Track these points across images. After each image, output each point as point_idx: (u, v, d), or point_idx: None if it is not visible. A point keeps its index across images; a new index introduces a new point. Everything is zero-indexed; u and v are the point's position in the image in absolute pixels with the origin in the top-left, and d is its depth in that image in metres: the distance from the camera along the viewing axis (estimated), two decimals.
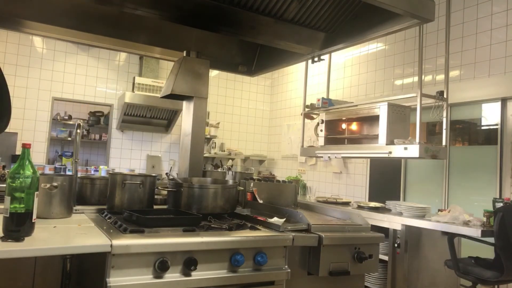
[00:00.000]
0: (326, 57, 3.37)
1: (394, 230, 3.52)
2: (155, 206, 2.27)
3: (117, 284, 1.44)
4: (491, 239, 2.92)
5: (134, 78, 5.99)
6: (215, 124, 6.74)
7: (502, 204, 3.11)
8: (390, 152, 3.25)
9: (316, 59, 2.91)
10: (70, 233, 1.63)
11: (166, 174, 2.49)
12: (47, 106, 5.73)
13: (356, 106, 3.89)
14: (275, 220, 1.99)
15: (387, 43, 5.01)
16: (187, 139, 2.74)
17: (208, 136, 6.50)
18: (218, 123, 6.81)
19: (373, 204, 4.12)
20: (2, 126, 2.02)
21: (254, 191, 2.45)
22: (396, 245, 3.51)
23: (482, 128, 4.14)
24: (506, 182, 3.71)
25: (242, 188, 2.45)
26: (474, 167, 4.01)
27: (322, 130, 4.12)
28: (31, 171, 1.47)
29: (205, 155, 6.30)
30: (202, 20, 2.45)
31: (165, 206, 2.28)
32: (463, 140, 4.34)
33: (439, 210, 3.50)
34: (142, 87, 5.84)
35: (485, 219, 3.07)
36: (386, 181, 4.90)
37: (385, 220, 3.57)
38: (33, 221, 1.47)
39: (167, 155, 6.54)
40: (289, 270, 1.81)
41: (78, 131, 2.17)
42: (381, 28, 2.37)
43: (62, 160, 6.10)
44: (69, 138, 6.56)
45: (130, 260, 1.48)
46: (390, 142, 3.29)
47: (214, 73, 6.73)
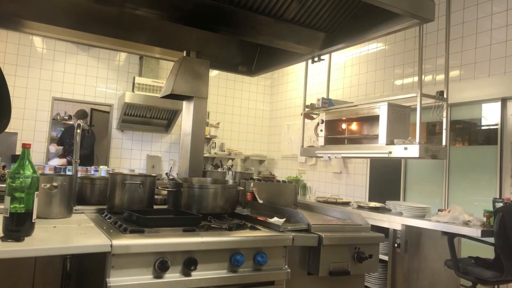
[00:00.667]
0: (326, 57, 3.37)
1: (394, 230, 3.52)
2: (155, 206, 2.27)
3: (117, 284, 1.44)
4: (491, 239, 2.92)
5: (134, 78, 5.99)
6: (215, 124, 6.74)
7: (502, 204, 3.11)
8: (390, 152, 3.25)
9: (316, 59, 2.91)
10: (70, 233, 1.63)
11: (166, 174, 2.49)
12: (47, 106, 5.73)
13: (356, 106, 3.89)
14: (275, 220, 1.99)
15: (387, 43, 5.01)
16: (187, 139, 2.74)
17: (208, 136, 6.50)
18: (218, 123, 6.81)
19: (373, 204, 4.12)
20: (2, 126, 2.02)
21: (254, 191, 2.45)
22: (396, 245, 3.51)
23: (482, 128, 4.14)
24: (506, 182, 3.71)
25: (242, 188, 2.44)
26: (474, 167, 4.01)
27: (322, 130, 4.12)
28: (31, 171, 1.47)
29: (205, 155, 6.30)
30: (202, 20, 2.46)
31: (165, 206, 2.28)
32: (463, 140, 4.34)
33: (439, 210, 3.50)
34: (142, 87, 5.84)
35: (485, 219, 3.07)
36: (386, 181, 4.90)
37: (385, 220, 3.57)
38: (33, 221, 1.47)
39: (167, 155, 6.54)
40: (289, 270, 1.80)
41: (78, 131, 2.17)
42: (381, 28, 2.37)
43: None
44: None
45: (130, 260, 1.48)
46: (390, 142, 3.28)
47: (214, 73, 6.72)
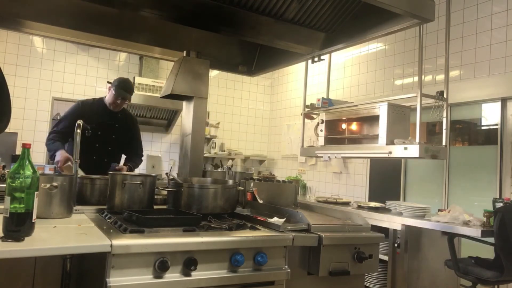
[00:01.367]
0: (326, 57, 3.37)
1: (394, 230, 3.52)
2: (155, 206, 2.27)
3: (117, 284, 1.44)
4: (491, 239, 2.92)
5: (134, 78, 5.99)
6: (215, 124, 6.74)
7: (502, 204, 3.11)
8: (390, 152, 3.25)
9: (316, 59, 2.91)
10: (70, 233, 1.63)
11: (166, 174, 2.48)
12: (47, 106, 5.73)
13: (356, 106, 3.89)
14: (275, 220, 1.99)
15: (387, 43, 5.01)
16: (187, 139, 2.74)
17: (208, 136, 6.50)
18: (218, 123, 6.81)
19: (373, 204, 4.11)
20: (2, 126, 2.02)
21: (254, 191, 2.45)
22: (396, 245, 3.51)
23: (482, 128, 4.14)
24: (506, 182, 3.71)
25: (242, 188, 2.44)
26: (474, 167, 4.01)
27: (322, 130, 4.12)
28: (31, 171, 1.47)
29: (205, 155, 6.30)
30: (202, 20, 2.46)
31: (165, 206, 2.28)
32: (463, 140, 4.34)
33: (439, 210, 3.50)
34: (142, 87, 5.84)
35: (485, 219, 3.07)
36: (386, 181, 4.90)
37: (385, 220, 3.57)
38: (33, 221, 1.47)
39: (167, 155, 6.54)
40: (289, 270, 1.80)
41: (78, 131, 2.17)
42: (381, 28, 2.38)
43: None
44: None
45: (130, 260, 1.48)
46: (390, 142, 3.28)
47: (214, 73, 6.72)
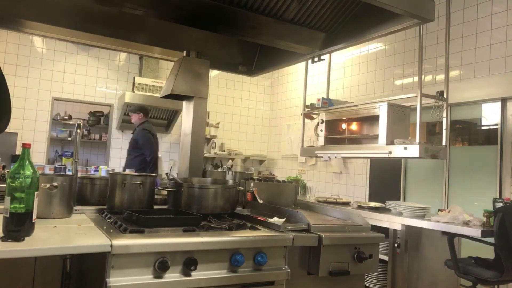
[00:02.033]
0: (326, 57, 3.37)
1: (394, 230, 3.52)
2: (155, 206, 2.27)
3: (117, 284, 1.44)
4: (491, 239, 2.92)
5: (134, 78, 5.99)
6: (215, 124, 6.74)
7: (502, 204, 3.11)
8: (390, 152, 3.25)
9: (316, 59, 2.91)
10: (70, 233, 1.63)
11: (166, 174, 2.49)
12: (47, 106, 5.73)
13: (356, 106, 3.89)
14: (275, 220, 1.99)
15: (387, 43, 5.00)
16: (187, 139, 2.74)
17: (208, 136, 6.50)
18: (218, 123, 6.81)
19: (373, 204, 4.11)
20: (2, 126, 2.02)
21: (254, 191, 2.45)
22: (396, 245, 3.51)
23: (482, 128, 4.14)
24: (506, 182, 3.71)
25: (242, 188, 2.44)
26: (474, 167, 4.01)
27: (322, 130, 4.12)
28: (31, 171, 1.47)
29: (205, 155, 6.30)
30: (202, 20, 2.45)
31: (165, 206, 2.28)
32: (463, 140, 4.34)
33: (439, 210, 3.50)
34: (142, 87, 5.84)
35: (485, 219, 3.07)
36: (386, 181, 4.90)
37: (385, 220, 3.57)
38: (33, 221, 1.47)
39: (167, 155, 6.54)
40: (289, 270, 1.80)
41: (78, 131, 2.17)
42: (381, 28, 2.37)
43: (62, 160, 6.10)
44: (69, 138, 6.56)
45: (130, 260, 1.48)
46: (390, 142, 3.28)
47: (214, 73, 6.72)
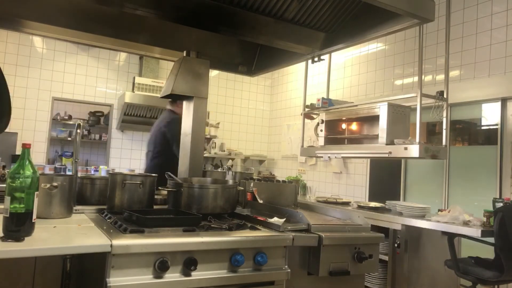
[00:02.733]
0: (326, 57, 3.37)
1: (394, 230, 3.52)
2: (155, 206, 2.27)
3: (117, 284, 1.44)
4: (491, 239, 2.92)
5: (134, 78, 5.99)
6: (215, 124, 6.74)
7: (502, 204, 3.11)
8: (390, 152, 3.25)
9: (316, 59, 2.91)
10: (70, 233, 1.63)
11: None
12: (47, 106, 5.73)
13: (356, 106, 3.89)
14: (275, 220, 1.99)
15: (387, 43, 5.01)
16: (187, 139, 2.73)
17: (208, 136, 6.49)
18: (218, 123, 6.80)
19: (373, 204, 4.12)
20: (2, 126, 2.02)
21: (254, 191, 2.44)
22: (396, 245, 3.51)
23: (482, 128, 4.14)
24: (506, 182, 3.71)
25: (242, 188, 2.44)
26: (474, 167, 4.01)
27: (322, 130, 4.12)
28: (31, 171, 1.47)
29: (205, 155, 6.29)
30: (202, 20, 2.45)
31: (165, 206, 2.28)
32: (463, 140, 4.34)
33: (439, 210, 3.50)
34: (142, 87, 5.84)
35: (485, 219, 3.07)
36: (386, 181, 4.90)
37: (385, 220, 3.57)
38: (33, 221, 1.47)
39: None
40: (289, 270, 1.80)
41: (78, 131, 2.16)
42: (381, 28, 2.37)
43: (62, 160, 6.11)
44: (69, 138, 6.56)
45: (130, 260, 1.48)
46: (390, 142, 3.28)
47: (214, 73, 6.72)
